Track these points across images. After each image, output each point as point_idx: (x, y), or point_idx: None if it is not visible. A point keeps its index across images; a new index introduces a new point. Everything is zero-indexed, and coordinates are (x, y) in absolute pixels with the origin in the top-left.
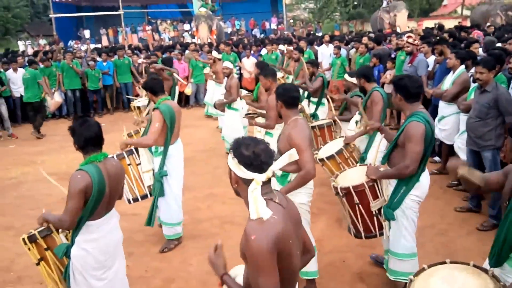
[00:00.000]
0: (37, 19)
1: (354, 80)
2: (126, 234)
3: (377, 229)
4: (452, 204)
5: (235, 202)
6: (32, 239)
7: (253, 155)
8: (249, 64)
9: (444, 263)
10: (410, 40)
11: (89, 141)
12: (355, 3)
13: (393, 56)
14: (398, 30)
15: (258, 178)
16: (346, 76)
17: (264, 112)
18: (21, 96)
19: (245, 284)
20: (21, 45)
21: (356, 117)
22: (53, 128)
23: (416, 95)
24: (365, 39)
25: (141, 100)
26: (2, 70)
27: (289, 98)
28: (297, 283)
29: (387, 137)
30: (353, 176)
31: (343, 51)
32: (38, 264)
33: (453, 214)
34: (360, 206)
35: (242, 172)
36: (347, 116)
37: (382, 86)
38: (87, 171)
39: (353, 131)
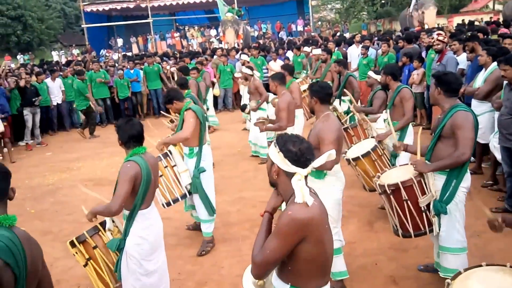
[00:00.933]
0: (70, 29)
1: (378, 77)
2: None
3: (426, 226)
4: (488, 204)
5: (265, 205)
6: (80, 239)
7: (299, 151)
8: (276, 67)
9: (480, 266)
10: (440, 38)
11: (132, 137)
12: (383, 1)
13: (424, 55)
14: (426, 27)
15: (302, 172)
16: (370, 73)
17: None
18: (58, 104)
19: (283, 275)
20: (55, 55)
21: (384, 115)
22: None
23: (456, 91)
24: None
25: None
26: (37, 81)
27: (324, 95)
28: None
29: (411, 151)
30: (397, 174)
31: (372, 51)
32: (85, 265)
33: None
34: (409, 202)
35: (287, 166)
36: (366, 108)
37: (410, 87)
38: (135, 160)
39: (383, 129)
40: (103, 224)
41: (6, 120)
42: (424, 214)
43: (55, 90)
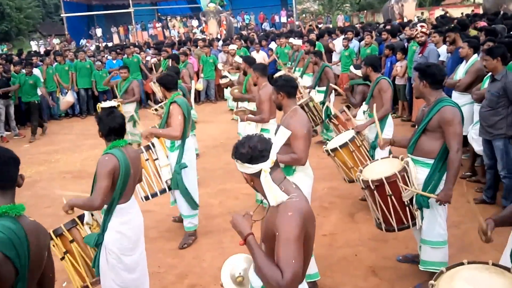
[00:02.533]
0: (49, 19)
1: (359, 72)
2: None
3: (409, 220)
4: (466, 195)
5: (247, 197)
6: (57, 232)
7: (250, 149)
8: (259, 58)
9: (462, 264)
10: (424, 30)
11: (112, 130)
12: None
13: (406, 46)
14: (405, 20)
15: (265, 166)
16: (352, 68)
17: (249, 108)
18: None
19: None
20: (34, 45)
21: (364, 107)
22: (66, 126)
23: (441, 82)
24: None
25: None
26: (14, 72)
27: (290, 88)
28: None
29: (401, 144)
30: (380, 169)
31: (355, 43)
32: (62, 258)
33: (467, 206)
34: (393, 197)
35: (250, 168)
36: (351, 100)
37: (393, 80)
38: (113, 153)
39: (362, 120)
40: (81, 217)
41: None
42: (407, 208)
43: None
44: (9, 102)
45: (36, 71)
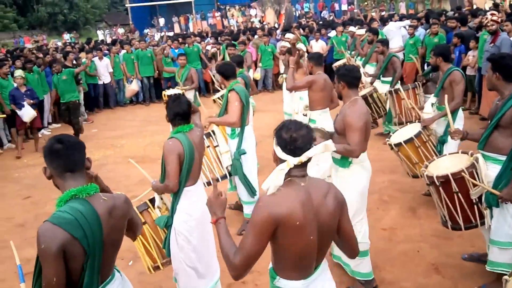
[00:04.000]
0: (114, 9)
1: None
2: None
3: (477, 218)
4: None
5: None
6: None
7: (289, 139)
8: (318, 47)
9: None
10: (494, 18)
11: (177, 115)
12: None
13: (477, 35)
14: (475, 7)
15: (291, 161)
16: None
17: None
18: (104, 83)
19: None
20: (100, 35)
21: (432, 99)
22: (131, 113)
23: None
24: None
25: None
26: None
27: (351, 78)
28: (323, 265)
29: (474, 138)
30: (447, 164)
31: (421, 31)
32: (134, 239)
33: None
34: (459, 194)
35: (279, 152)
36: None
37: (463, 69)
38: (177, 137)
39: (430, 113)
40: (152, 201)
41: (36, 106)
42: (475, 206)
43: (102, 69)
44: (79, 88)
45: (105, 60)
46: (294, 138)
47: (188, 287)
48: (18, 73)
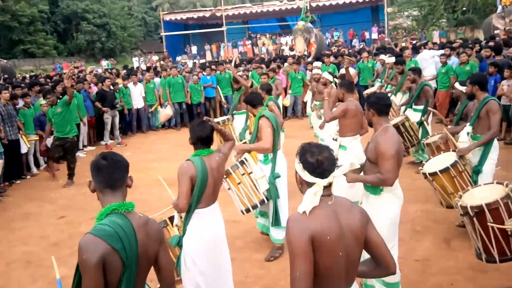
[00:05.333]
0: (149, 37)
1: (463, 88)
2: (227, 240)
3: None
4: None
5: None
6: None
7: (316, 162)
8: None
9: None
10: None
11: (199, 139)
12: (464, 8)
13: None
14: None
15: (320, 183)
16: (457, 85)
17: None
18: (137, 108)
19: None
20: (135, 62)
21: (467, 128)
22: (163, 137)
23: None
24: (467, 50)
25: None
26: (123, 85)
27: (382, 106)
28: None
29: None
30: (481, 194)
31: (454, 60)
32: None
33: None
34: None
35: (307, 176)
36: (457, 128)
37: (498, 98)
38: (192, 161)
39: (466, 143)
40: (171, 218)
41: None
42: (511, 238)
43: (136, 95)
44: (115, 113)
45: (139, 86)
46: (320, 161)
47: None
48: (43, 101)
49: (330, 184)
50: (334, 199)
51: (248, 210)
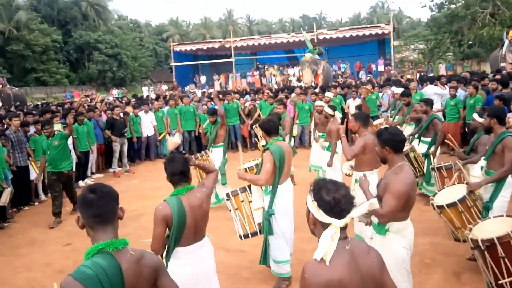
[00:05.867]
0: (159, 67)
1: (482, 120)
2: (233, 270)
3: None
4: None
5: None
6: None
7: (333, 201)
8: (355, 105)
9: None
10: None
11: (174, 175)
12: (470, 42)
13: None
14: None
15: (337, 224)
16: (475, 116)
17: None
18: (148, 136)
19: None
20: (144, 91)
21: (482, 162)
22: None
23: None
24: (485, 81)
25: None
26: (134, 114)
27: (397, 143)
28: None
29: None
30: (492, 228)
31: (461, 92)
32: None
33: None
34: (506, 260)
35: (321, 216)
36: (471, 159)
37: None
38: (168, 202)
39: (478, 177)
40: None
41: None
42: None
43: (147, 123)
44: (124, 140)
45: (150, 115)
46: (337, 200)
47: None
48: (58, 127)
49: (346, 226)
50: (351, 242)
51: (240, 238)
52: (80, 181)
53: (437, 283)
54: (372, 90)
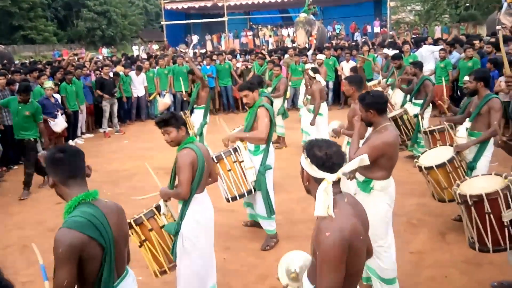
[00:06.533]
0: (150, 26)
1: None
2: (224, 229)
3: (507, 242)
4: None
5: None
6: (138, 221)
7: (325, 156)
8: (348, 68)
9: None
10: None
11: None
12: (467, 4)
13: None
14: None
15: (329, 178)
16: (467, 78)
17: None
18: (138, 96)
19: (311, 277)
20: (135, 50)
21: (467, 124)
22: None
23: None
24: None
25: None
26: (124, 73)
27: (381, 104)
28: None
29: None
30: (481, 185)
31: (456, 55)
32: (140, 245)
33: None
34: (491, 215)
35: (314, 171)
36: (455, 118)
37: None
38: (191, 148)
39: (464, 138)
40: (157, 208)
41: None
42: (506, 229)
43: (137, 83)
44: (114, 101)
45: (141, 75)
46: (329, 155)
47: None
48: (49, 84)
49: (339, 180)
50: (346, 196)
51: (234, 199)
52: (70, 141)
53: (423, 242)
54: (368, 58)
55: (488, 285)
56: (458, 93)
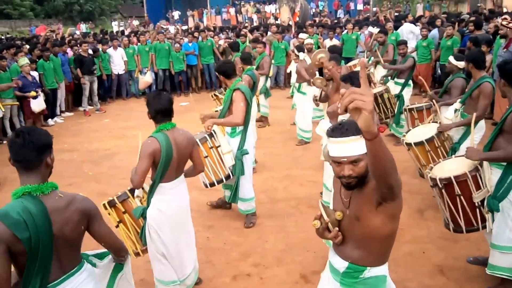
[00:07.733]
0: (130, 1)
1: (460, 64)
2: (207, 208)
3: (479, 222)
4: None
5: (312, 184)
6: (111, 203)
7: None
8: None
9: None
10: (504, 23)
11: (159, 112)
12: None
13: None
14: (505, 10)
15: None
16: (451, 59)
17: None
18: (118, 74)
19: None
20: (114, 26)
21: (456, 105)
22: (143, 104)
23: None
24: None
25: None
26: (102, 50)
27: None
28: None
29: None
30: (451, 167)
31: (435, 33)
32: (117, 226)
33: None
34: (462, 197)
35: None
36: (447, 100)
37: None
38: (156, 137)
39: (450, 120)
40: (132, 190)
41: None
42: (477, 209)
43: (116, 60)
44: (93, 78)
45: (119, 51)
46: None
47: (161, 276)
48: (25, 61)
49: None
50: None
51: (212, 184)
52: (50, 120)
53: (401, 219)
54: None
55: (464, 260)
56: (439, 71)
